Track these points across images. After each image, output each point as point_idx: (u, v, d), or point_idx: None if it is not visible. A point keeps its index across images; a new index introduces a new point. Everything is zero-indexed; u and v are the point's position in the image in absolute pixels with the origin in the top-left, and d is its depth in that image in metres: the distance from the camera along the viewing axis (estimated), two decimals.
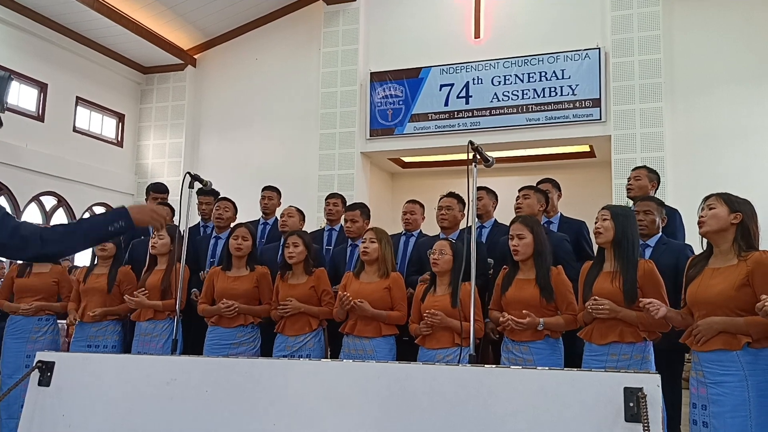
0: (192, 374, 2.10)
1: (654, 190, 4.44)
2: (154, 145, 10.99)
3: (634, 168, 4.63)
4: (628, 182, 4.52)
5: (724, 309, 2.58)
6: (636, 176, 4.47)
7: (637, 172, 4.50)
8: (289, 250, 3.93)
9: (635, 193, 4.37)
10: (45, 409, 2.14)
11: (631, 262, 3.04)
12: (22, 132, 8.72)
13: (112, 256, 4.47)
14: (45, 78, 9.32)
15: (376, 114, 9.61)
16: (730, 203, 2.69)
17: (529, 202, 4.25)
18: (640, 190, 4.38)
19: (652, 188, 4.42)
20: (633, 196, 4.35)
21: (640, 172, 4.48)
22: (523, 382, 1.81)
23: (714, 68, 8.35)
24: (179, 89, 11.01)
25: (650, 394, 1.64)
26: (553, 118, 8.80)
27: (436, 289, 3.61)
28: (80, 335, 4.36)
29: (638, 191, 4.38)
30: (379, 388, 1.93)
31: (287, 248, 3.95)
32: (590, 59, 8.70)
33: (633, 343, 2.98)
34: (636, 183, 4.44)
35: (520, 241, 3.34)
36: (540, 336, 3.23)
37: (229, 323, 3.99)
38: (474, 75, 9.20)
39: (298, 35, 10.46)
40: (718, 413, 2.53)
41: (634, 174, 4.51)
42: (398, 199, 9.88)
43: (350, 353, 3.72)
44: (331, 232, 5.18)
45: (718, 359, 2.56)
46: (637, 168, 4.58)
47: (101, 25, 9.51)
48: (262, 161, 10.14)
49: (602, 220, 3.12)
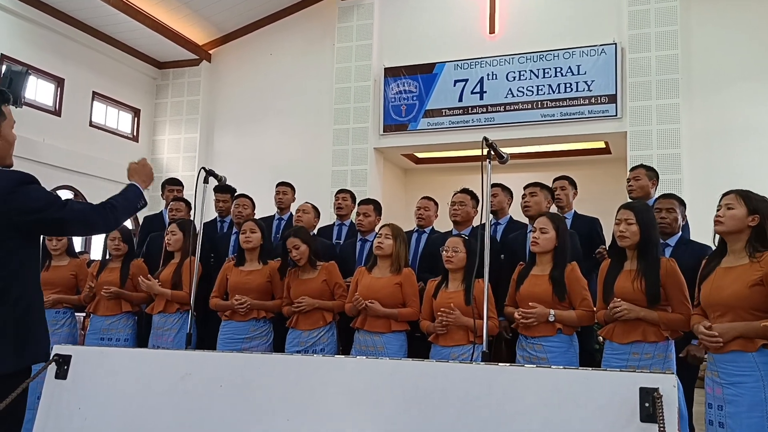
0: (206, 369, 2.11)
1: (654, 188, 4.34)
2: (169, 140, 11.05)
3: (632, 168, 4.50)
4: (628, 183, 4.39)
5: (738, 310, 2.56)
6: (635, 176, 4.34)
7: (636, 172, 4.37)
8: (293, 254, 3.96)
9: (637, 194, 4.26)
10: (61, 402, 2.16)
11: (653, 263, 3.00)
12: (40, 127, 8.80)
13: (124, 253, 4.54)
14: (62, 73, 9.40)
15: (390, 109, 9.59)
16: (749, 203, 2.65)
17: (536, 200, 4.23)
18: (641, 190, 4.28)
19: (652, 186, 4.31)
20: (635, 197, 4.26)
21: (639, 172, 4.35)
22: (537, 380, 1.80)
23: (731, 64, 8.24)
24: (194, 84, 11.05)
25: (666, 394, 1.63)
26: (568, 114, 8.73)
27: (449, 286, 3.60)
28: (94, 328, 4.41)
29: (639, 191, 4.28)
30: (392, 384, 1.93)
31: (291, 254, 3.97)
32: (606, 55, 8.62)
33: (656, 342, 2.95)
34: (636, 183, 4.31)
35: (542, 234, 3.33)
36: (553, 331, 3.21)
37: (242, 317, 4.02)
38: (488, 70, 9.15)
39: (312, 31, 10.46)
40: (734, 413, 2.51)
41: (633, 174, 4.38)
42: (411, 195, 9.90)
43: (361, 349, 3.73)
44: (341, 226, 5.22)
45: (733, 360, 2.54)
46: (636, 168, 4.45)
47: (117, 20, 9.56)
48: (275, 156, 10.16)
49: (627, 224, 3.04)
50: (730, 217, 2.66)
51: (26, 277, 2.12)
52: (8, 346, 2.02)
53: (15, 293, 2.05)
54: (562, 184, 4.49)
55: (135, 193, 2.44)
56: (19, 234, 2.07)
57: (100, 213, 2.23)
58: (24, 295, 2.09)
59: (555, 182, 4.54)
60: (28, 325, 2.09)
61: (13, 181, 2.06)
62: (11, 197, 2.02)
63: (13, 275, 2.05)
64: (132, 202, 2.40)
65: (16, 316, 2.05)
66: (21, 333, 2.06)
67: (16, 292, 2.06)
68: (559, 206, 4.44)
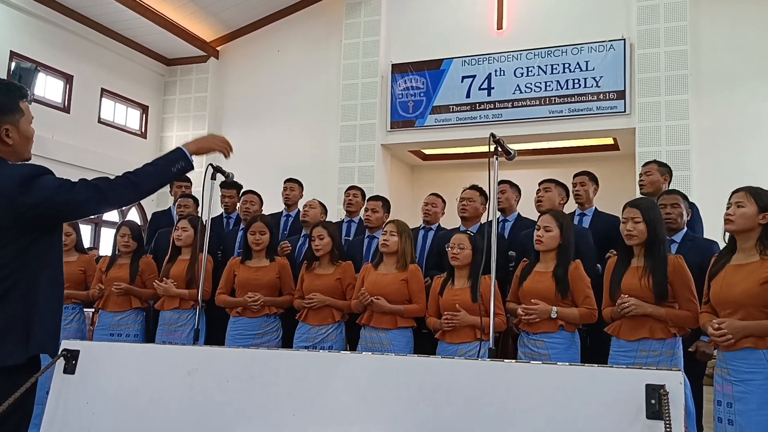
0: (213, 364, 2.12)
1: (666, 183, 4.33)
2: (177, 136, 11.08)
3: (645, 163, 4.49)
4: (640, 178, 4.39)
5: (749, 307, 2.54)
6: (647, 171, 4.34)
7: (648, 167, 4.37)
8: (315, 243, 3.95)
9: (648, 189, 4.26)
10: (70, 397, 2.18)
11: (661, 260, 2.99)
12: (48, 123, 8.85)
13: (134, 249, 4.55)
14: (71, 70, 9.45)
15: (397, 106, 9.58)
16: (760, 200, 2.63)
17: (549, 196, 4.21)
18: (653, 185, 4.27)
19: (664, 182, 4.30)
20: (646, 192, 4.25)
21: (650, 167, 4.35)
22: (543, 377, 1.80)
23: (741, 60, 8.17)
24: (202, 81, 11.09)
25: (672, 391, 1.62)
26: (576, 110, 8.69)
27: (455, 282, 3.60)
28: (103, 324, 4.43)
29: (650, 187, 4.27)
30: (398, 380, 1.93)
31: (313, 241, 3.97)
32: (615, 50, 8.57)
33: (663, 339, 2.95)
34: (648, 178, 4.31)
35: (546, 233, 3.33)
36: (554, 328, 3.22)
37: (254, 313, 4.03)
38: (496, 66, 9.11)
39: (319, 27, 10.46)
40: (743, 411, 2.50)
41: (645, 169, 4.38)
42: (418, 192, 9.88)
43: (367, 346, 3.73)
44: (350, 223, 5.22)
45: (743, 357, 2.53)
46: (648, 163, 4.45)
47: (126, 17, 9.61)
48: (282, 153, 10.17)
49: (634, 222, 3.04)
50: (740, 215, 2.65)
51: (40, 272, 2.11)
52: (18, 339, 2.04)
53: (25, 288, 2.06)
54: (582, 180, 4.45)
55: (171, 157, 2.22)
56: (32, 228, 2.06)
57: (114, 187, 2.12)
58: (34, 290, 2.09)
59: (575, 178, 4.50)
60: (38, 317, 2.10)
61: (23, 177, 2.05)
62: (19, 192, 2.02)
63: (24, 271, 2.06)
64: (162, 168, 2.19)
65: (26, 311, 2.06)
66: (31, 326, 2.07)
67: (27, 287, 2.07)
68: (579, 203, 4.42)
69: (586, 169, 4.62)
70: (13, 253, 2.03)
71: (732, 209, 2.68)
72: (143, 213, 10.41)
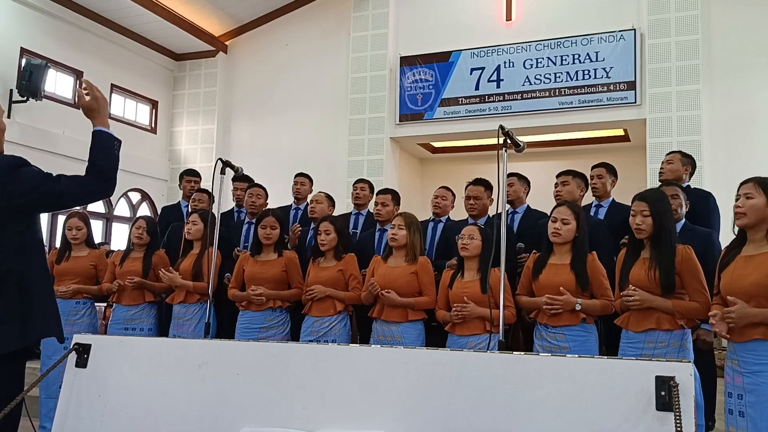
0: (223, 357, 2.14)
1: (688, 174, 4.32)
2: (187, 131, 11.12)
3: (669, 152, 4.52)
4: (661, 166, 4.41)
5: (760, 298, 2.53)
6: (669, 160, 4.35)
7: (671, 156, 4.40)
8: (321, 237, 3.97)
9: (666, 177, 4.26)
10: (82, 390, 2.20)
11: (668, 251, 2.98)
12: (59, 119, 8.89)
13: (146, 243, 4.58)
14: (80, 65, 9.48)
15: (406, 99, 9.56)
16: None
17: (568, 189, 4.18)
18: (672, 174, 4.27)
19: (686, 172, 4.30)
20: (663, 179, 4.25)
21: (673, 156, 4.37)
22: (552, 369, 1.80)
23: (753, 49, 8.07)
24: (211, 76, 11.10)
25: (682, 383, 1.61)
26: (586, 101, 8.63)
27: (464, 275, 3.60)
28: (117, 318, 4.48)
29: (669, 175, 4.26)
30: (407, 373, 1.94)
31: (319, 235, 3.99)
32: (625, 41, 8.49)
33: (670, 330, 2.93)
34: (668, 167, 4.32)
35: (564, 225, 3.31)
36: (576, 320, 3.20)
37: (259, 307, 4.05)
38: (505, 58, 9.06)
39: (327, 20, 10.44)
40: (754, 402, 2.49)
41: (667, 158, 4.40)
42: (427, 185, 9.87)
43: (379, 339, 3.75)
44: (358, 216, 5.24)
45: (754, 349, 2.51)
46: (672, 152, 4.48)
47: (135, 12, 9.62)
48: (292, 146, 10.18)
49: (642, 216, 3.03)
50: (750, 207, 2.63)
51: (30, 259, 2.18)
52: (14, 327, 2.08)
53: (18, 275, 2.12)
54: (599, 172, 4.43)
55: (107, 140, 2.32)
56: (19, 217, 2.14)
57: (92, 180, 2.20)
58: (28, 277, 2.15)
59: (593, 170, 4.49)
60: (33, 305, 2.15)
61: (10, 165, 2.13)
62: (8, 180, 2.08)
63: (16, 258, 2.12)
64: (109, 151, 2.29)
65: (22, 298, 2.11)
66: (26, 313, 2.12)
67: (20, 273, 2.13)
68: (596, 195, 4.40)
69: (598, 160, 4.60)
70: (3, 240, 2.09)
71: (741, 201, 2.66)
72: (153, 208, 10.47)
